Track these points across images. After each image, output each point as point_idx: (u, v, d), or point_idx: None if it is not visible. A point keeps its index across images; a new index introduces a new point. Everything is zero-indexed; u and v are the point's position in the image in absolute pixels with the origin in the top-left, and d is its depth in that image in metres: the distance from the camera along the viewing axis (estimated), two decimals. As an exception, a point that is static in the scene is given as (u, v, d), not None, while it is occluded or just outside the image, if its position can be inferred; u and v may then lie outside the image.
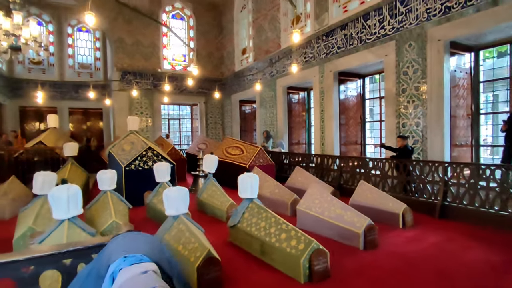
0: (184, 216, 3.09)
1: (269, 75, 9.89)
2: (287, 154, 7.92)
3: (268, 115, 10.09)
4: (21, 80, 12.04)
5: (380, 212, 4.05)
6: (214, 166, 5.15)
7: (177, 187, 3.14)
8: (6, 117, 11.81)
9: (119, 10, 10.93)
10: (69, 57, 13.12)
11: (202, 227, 3.25)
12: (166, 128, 12.92)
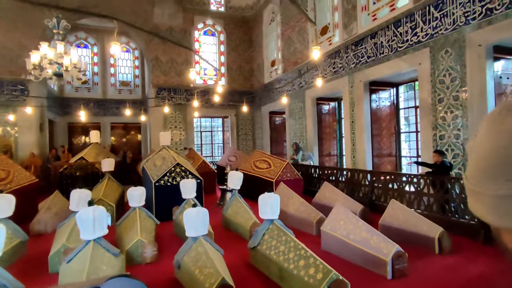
0: (204, 237, 3.11)
1: (298, 86, 9.80)
2: (316, 168, 7.71)
3: (297, 126, 9.96)
4: (69, 99, 13.19)
5: (413, 235, 3.74)
6: (239, 183, 5.16)
7: (197, 208, 3.19)
8: (57, 133, 12.96)
9: (155, 32, 11.58)
10: (111, 76, 14.14)
11: (221, 249, 3.25)
12: (199, 141, 13.30)
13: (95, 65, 13.88)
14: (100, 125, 13.85)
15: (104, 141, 14.10)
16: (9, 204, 3.81)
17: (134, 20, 11.37)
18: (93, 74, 13.89)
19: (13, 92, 9.72)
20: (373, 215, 5.04)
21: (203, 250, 2.83)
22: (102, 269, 2.50)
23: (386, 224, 4.07)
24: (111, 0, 11.08)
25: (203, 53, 12.61)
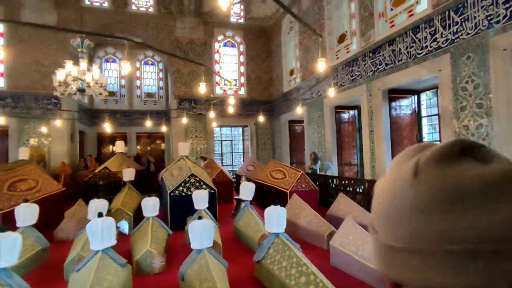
0: (208, 250, 3.14)
1: (316, 95, 9.71)
2: (333, 178, 7.55)
3: (316, 135, 9.83)
4: (98, 111, 13.94)
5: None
6: (251, 193, 5.17)
7: (202, 220, 3.23)
8: (87, 143, 13.72)
9: (176, 45, 12.04)
10: (137, 88, 14.81)
11: (226, 262, 3.27)
12: (220, 150, 13.49)
13: (122, 78, 14.61)
14: (127, 135, 14.49)
15: (130, 150, 14.73)
16: (33, 212, 4.08)
17: (157, 34, 11.92)
18: (120, 86, 14.63)
19: (47, 105, 10.46)
20: (390, 229, 4.83)
21: (205, 263, 2.86)
22: (108, 279, 2.59)
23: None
24: (135, 16, 11.68)
25: (223, 64, 12.89)
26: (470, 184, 0.29)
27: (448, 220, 0.28)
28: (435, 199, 0.29)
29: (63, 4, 10.71)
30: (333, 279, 3.13)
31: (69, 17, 10.77)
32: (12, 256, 2.55)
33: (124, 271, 2.90)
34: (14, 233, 2.61)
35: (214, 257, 3.12)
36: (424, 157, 0.33)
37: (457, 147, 0.32)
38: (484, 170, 0.29)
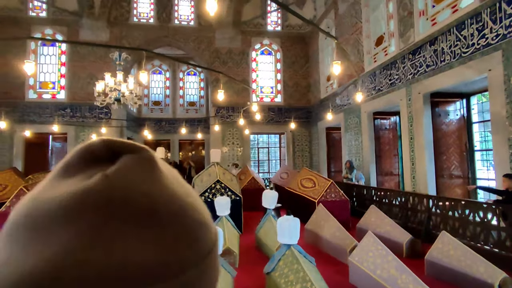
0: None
1: (353, 101, 9.26)
2: (366, 188, 7.08)
3: (353, 142, 9.35)
4: (145, 119, 14.96)
5: (465, 277, 3.09)
6: (273, 202, 5.06)
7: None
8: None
9: (216, 55, 12.47)
10: (180, 97, 15.61)
11: (234, 271, 3.21)
12: (256, 157, 13.55)
13: (167, 88, 15.54)
14: (170, 142, 15.31)
15: (173, 156, 15.51)
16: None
17: (198, 46, 12.47)
18: (165, 96, 15.56)
19: (99, 115, 11.51)
20: (428, 246, 4.34)
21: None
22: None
23: (433, 261, 3.46)
24: (178, 30, 12.38)
25: (259, 72, 13.00)
26: (46, 205, 0.21)
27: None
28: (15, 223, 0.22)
29: (115, 23, 11.79)
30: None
31: (119, 34, 11.81)
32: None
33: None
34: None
35: (222, 265, 3.08)
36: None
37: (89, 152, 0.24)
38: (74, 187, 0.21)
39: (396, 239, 4.37)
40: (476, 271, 3.02)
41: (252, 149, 13.41)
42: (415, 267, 3.71)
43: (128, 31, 11.91)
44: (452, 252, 3.34)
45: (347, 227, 5.65)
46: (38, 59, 11.42)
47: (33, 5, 11.38)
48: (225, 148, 12.35)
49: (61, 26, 11.45)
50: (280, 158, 13.66)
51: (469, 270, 3.08)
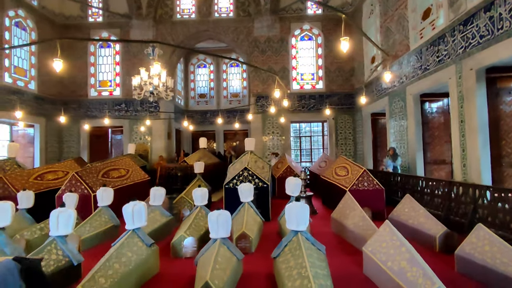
0: (223, 240, 3.20)
1: (398, 83, 8.51)
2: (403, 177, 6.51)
3: (398, 128, 8.62)
4: (192, 111, 15.74)
5: (498, 276, 2.69)
6: (297, 190, 4.96)
7: (219, 211, 3.31)
8: (183, 140, 15.69)
9: (255, 44, 12.46)
10: (224, 89, 16.03)
11: (241, 254, 3.26)
12: (297, 145, 13.34)
13: (211, 81, 16.07)
14: (215, 132, 15.91)
15: (218, 147, 16.11)
16: (109, 195, 4.95)
17: (237, 37, 12.59)
18: (210, 89, 16.13)
19: (150, 108, 12.43)
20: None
21: (215, 252, 2.92)
22: (127, 255, 2.95)
23: (464, 256, 3.07)
24: (218, 22, 12.63)
25: (300, 59, 12.66)
26: None
27: None
28: None
29: (160, 21, 12.50)
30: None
31: (165, 31, 12.50)
32: (67, 227, 3.18)
33: (149, 250, 3.24)
34: (70, 209, 3.24)
35: (228, 248, 3.15)
36: None
37: None
38: None
39: (428, 231, 3.97)
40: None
41: (294, 138, 13.23)
42: (446, 262, 3.36)
43: (172, 28, 12.53)
44: (488, 247, 2.92)
45: (381, 218, 5.31)
46: (97, 60, 12.71)
47: (92, 11, 12.62)
48: (266, 138, 12.40)
49: (114, 29, 12.54)
50: (323, 147, 13.24)
51: (504, 269, 2.66)
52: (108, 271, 2.64)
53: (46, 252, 2.98)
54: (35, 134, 11.23)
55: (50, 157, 11.57)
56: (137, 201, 3.42)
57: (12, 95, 9.96)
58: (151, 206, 5.00)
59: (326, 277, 2.52)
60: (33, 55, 11.13)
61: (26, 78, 10.82)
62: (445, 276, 3.09)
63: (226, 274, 2.72)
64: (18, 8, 10.40)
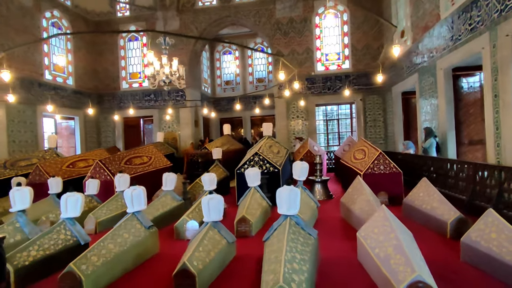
0: (214, 223, 3.26)
1: (428, 57, 7.79)
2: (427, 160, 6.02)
3: (428, 107, 7.95)
4: (219, 98, 15.95)
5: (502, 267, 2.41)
6: (303, 173, 4.85)
7: (211, 195, 3.37)
8: (211, 127, 16.04)
9: (277, 27, 12.14)
10: (249, 74, 15.95)
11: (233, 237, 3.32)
12: (324, 129, 12.95)
13: (237, 67, 16.05)
14: (242, 119, 16.01)
15: (245, 133, 16.23)
16: (126, 181, 5.26)
17: (259, 20, 12.34)
18: (236, 75, 16.15)
19: (176, 97, 12.84)
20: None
21: (201, 236, 3.00)
22: (123, 236, 3.14)
23: (470, 244, 2.80)
24: (239, 7, 12.46)
25: (324, 38, 12.10)
26: None
27: None
28: None
29: (183, 10, 12.66)
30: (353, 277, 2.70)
31: (187, 19, 12.66)
32: (75, 210, 3.46)
33: (147, 232, 3.42)
34: (78, 193, 3.51)
35: (218, 231, 3.21)
36: None
37: None
38: None
39: (441, 217, 3.67)
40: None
41: (321, 121, 12.86)
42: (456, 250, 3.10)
43: (195, 16, 12.64)
44: (495, 235, 2.62)
45: (399, 202, 5.02)
46: (126, 54, 13.33)
47: (119, 6, 13.16)
48: (291, 122, 12.20)
49: (141, 22, 12.98)
50: (351, 129, 12.72)
51: (510, 258, 2.38)
52: (102, 250, 2.84)
53: (55, 232, 3.29)
54: (75, 126, 12.22)
55: (90, 147, 12.55)
56: (137, 186, 3.60)
57: (53, 91, 10.88)
58: (163, 190, 5.24)
59: (305, 261, 2.46)
60: (69, 53, 11.98)
61: (64, 74, 11.71)
62: (448, 264, 2.87)
63: (210, 256, 2.78)
64: (53, 9, 11.19)
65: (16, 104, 9.26)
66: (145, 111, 13.07)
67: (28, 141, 9.79)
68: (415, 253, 2.34)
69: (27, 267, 2.85)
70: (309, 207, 4.47)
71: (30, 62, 10.06)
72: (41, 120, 10.37)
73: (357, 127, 12.01)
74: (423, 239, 3.54)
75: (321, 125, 12.96)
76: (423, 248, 3.20)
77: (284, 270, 2.16)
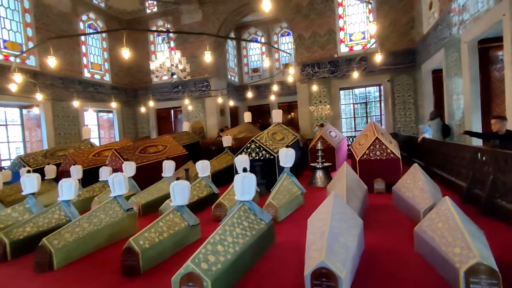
0: (179, 208, 3.50)
1: (455, 31, 6.98)
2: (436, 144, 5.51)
3: (453, 86, 7.19)
4: (246, 86, 16.09)
5: (439, 259, 2.25)
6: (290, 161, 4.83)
7: (179, 181, 3.60)
8: (240, 116, 16.33)
9: (297, 9, 11.77)
10: (276, 60, 15.77)
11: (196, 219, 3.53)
12: (350, 114, 12.39)
13: (263, 54, 15.97)
14: (269, 105, 16.01)
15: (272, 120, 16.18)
16: (132, 168, 5.77)
17: (278, 4, 12.06)
18: (262, 62, 16.09)
19: (202, 88, 13.31)
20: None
21: (169, 219, 3.27)
22: (99, 217, 3.54)
23: (420, 234, 2.63)
24: (258, -7, 12.29)
25: (348, 17, 11.42)
26: None
27: None
28: None
29: (204, 2, 12.91)
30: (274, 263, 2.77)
31: (209, 11, 12.91)
32: (70, 194, 3.96)
33: (125, 214, 3.79)
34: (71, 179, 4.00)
35: (181, 214, 3.44)
36: None
37: None
38: None
39: (417, 205, 3.44)
40: (451, 253, 2.13)
41: (347, 106, 12.32)
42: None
43: (215, 8, 12.82)
44: (441, 224, 2.42)
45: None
46: (156, 48, 14.09)
47: (148, 3, 13.88)
48: (312, 108, 11.91)
49: (167, 16, 13.57)
50: (380, 113, 11.98)
51: (445, 249, 2.20)
52: (76, 228, 3.26)
53: (50, 212, 3.83)
54: (114, 118, 13.42)
55: (128, 137, 13.72)
56: (118, 173, 3.97)
57: (91, 87, 12.06)
58: (163, 177, 5.64)
59: (236, 244, 2.56)
60: (105, 51, 13.08)
61: (101, 71, 12.86)
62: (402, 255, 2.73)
63: (162, 237, 3.02)
64: (89, 12, 12.25)
65: (60, 101, 10.49)
66: (175, 102, 13.81)
67: (72, 133, 11.08)
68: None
69: (22, 240, 3.40)
70: (291, 193, 4.48)
71: (70, 63, 11.24)
72: (82, 114, 11.60)
73: (384, 111, 11.28)
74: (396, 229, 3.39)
75: (348, 109, 12.41)
76: (391, 238, 3.09)
77: (199, 251, 2.30)
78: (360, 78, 11.15)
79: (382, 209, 4.18)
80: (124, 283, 2.59)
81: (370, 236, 3.13)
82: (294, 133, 7.67)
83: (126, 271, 2.72)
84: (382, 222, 3.62)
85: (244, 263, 2.58)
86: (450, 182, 4.93)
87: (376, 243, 2.99)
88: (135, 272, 2.71)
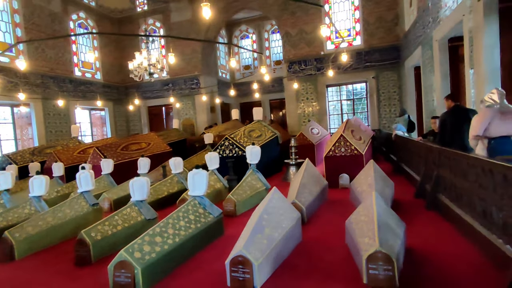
0: (137, 203, 3.71)
1: (428, 28, 7.09)
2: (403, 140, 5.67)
3: (428, 82, 7.32)
4: (238, 83, 16.25)
5: (352, 248, 2.44)
6: (256, 157, 5.02)
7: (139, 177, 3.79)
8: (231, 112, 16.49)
9: (284, 6, 11.87)
10: (267, 57, 15.89)
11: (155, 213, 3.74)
12: (337, 111, 12.53)
13: (254, 51, 16.08)
14: (261, 102, 16.16)
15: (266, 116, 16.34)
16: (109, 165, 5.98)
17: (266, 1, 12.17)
18: (253, 59, 16.21)
19: (191, 85, 13.49)
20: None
21: (126, 213, 3.48)
22: (64, 212, 3.77)
23: (347, 227, 2.82)
24: (248, -10, 12.41)
25: (333, 14, 11.52)
26: None
27: None
28: None
29: (194, 0, 13.04)
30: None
31: (198, 9, 12.99)
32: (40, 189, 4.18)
33: (90, 209, 4.01)
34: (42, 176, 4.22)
35: (139, 209, 3.65)
36: None
37: None
38: None
39: (361, 200, 3.62)
40: (361, 243, 2.32)
41: (333, 103, 12.45)
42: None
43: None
44: (363, 217, 2.61)
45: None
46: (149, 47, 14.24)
47: (138, 2, 14.03)
48: (300, 105, 12.06)
49: (157, 15, 13.72)
50: (367, 110, 12.10)
51: (360, 240, 2.39)
52: (39, 222, 3.48)
53: (20, 207, 4.06)
54: (106, 116, 13.66)
55: (120, 134, 13.97)
56: (85, 170, 4.19)
57: (82, 86, 12.28)
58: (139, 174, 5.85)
59: (176, 236, 2.77)
60: (96, 50, 13.27)
61: (92, 70, 13.07)
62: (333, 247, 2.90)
63: (115, 229, 3.23)
64: (79, 11, 12.43)
65: (51, 100, 10.73)
66: (166, 100, 14.01)
67: (63, 131, 11.33)
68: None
69: (-10, 233, 3.62)
70: (253, 189, 4.67)
71: (61, 62, 11.46)
72: (73, 112, 11.84)
73: (370, 107, 11.41)
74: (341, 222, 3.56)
75: (335, 107, 12.54)
76: (330, 231, 3.27)
77: (136, 241, 2.51)
78: (347, 75, 11.29)
79: (339, 203, 4.36)
80: (73, 271, 2.81)
81: (312, 229, 3.33)
82: (274, 130, 7.84)
83: (78, 261, 2.95)
84: (330, 216, 3.81)
85: (183, 253, 2.78)
86: (413, 178, 5.10)
87: (314, 235, 3.18)
88: (86, 262, 2.93)
